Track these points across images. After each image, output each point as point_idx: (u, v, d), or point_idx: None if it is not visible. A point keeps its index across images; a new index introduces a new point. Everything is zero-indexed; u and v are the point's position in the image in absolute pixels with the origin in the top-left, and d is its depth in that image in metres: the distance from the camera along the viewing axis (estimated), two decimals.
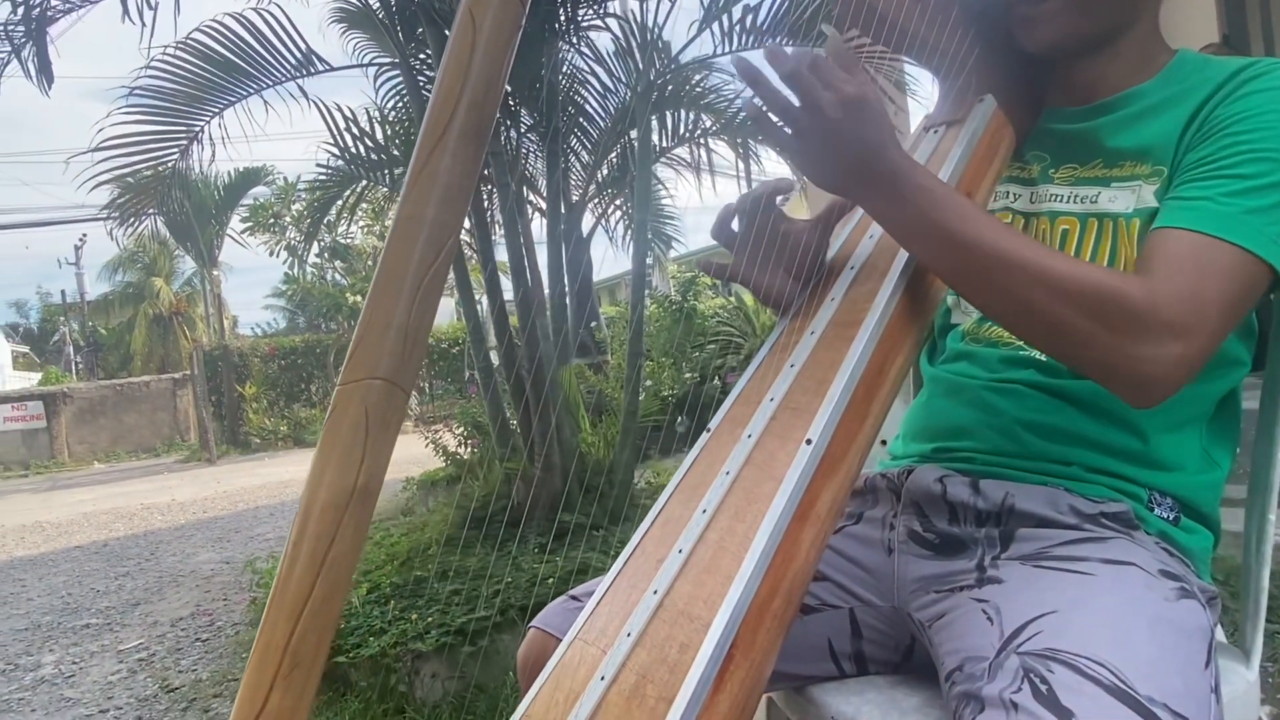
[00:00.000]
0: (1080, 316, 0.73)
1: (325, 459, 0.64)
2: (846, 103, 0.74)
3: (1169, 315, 0.72)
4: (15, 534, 7.54)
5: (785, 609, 0.73)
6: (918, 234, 0.79)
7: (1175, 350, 0.72)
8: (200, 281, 21.48)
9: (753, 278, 0.95)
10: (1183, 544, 0.85)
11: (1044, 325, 0.75)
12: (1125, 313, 0.72)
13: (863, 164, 0.77)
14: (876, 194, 0.79)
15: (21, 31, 2.69)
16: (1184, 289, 0.73)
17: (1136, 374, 0.73)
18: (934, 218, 0.76)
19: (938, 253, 0.79)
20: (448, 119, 0.69)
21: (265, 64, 3.35)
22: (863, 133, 0.75)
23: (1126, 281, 0.74)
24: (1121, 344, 0.72)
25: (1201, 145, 0.82)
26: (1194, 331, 0.72)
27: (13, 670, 3.42)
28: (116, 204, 3.70)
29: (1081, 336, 0.73)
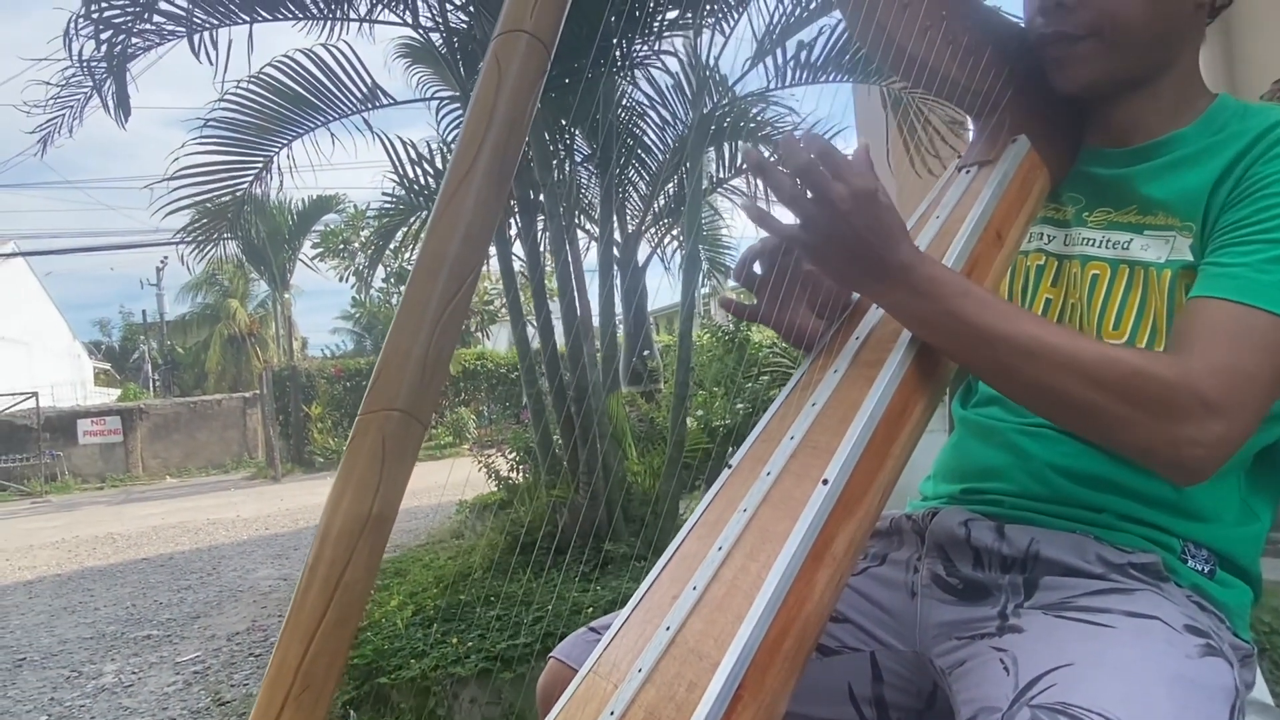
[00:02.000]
0: (1114, 401, 0.71)
1: (343, 486, 0.66)
2: (857, 195, 0.73)
3: (1206, 393, 0.70)
4: (88, 545, 7.84)
5: (798, 650, 0.73)
6: (933, 328, 0.78)
7: (1216, 430, 0.70)
8: (273, 304, 22.20)
9: (775, 317, 0.95)
10: (1218, 598, 0.82)
11: (1077, 412, 0.74)
12: (1161, 395, 0.70)
13: (873, 257, 0.76)
14: (887, 287, 0.78)
15: (103, 68, 2.85)
16: (1221, 365, 0.71)
17: (1176, 456, 0.71)
18: (946, 310, 0.76)
19: (956, 345, 0.78)
20: (471, 160, 0.71)
21: (333, 98, 3.48)
22: (873, 225, 0.74)
23: (1159, 362, 0.72)
24: (1160, 427, 0.71)
25: (1237, 207, 0.80)
26: (1234, 409, 0.70)
27: (76, 678, 3.55)
28: (190, 230, 3.85)
29: (1117, 422, 0.72)
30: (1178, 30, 0.88)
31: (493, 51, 0.73)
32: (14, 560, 7.22)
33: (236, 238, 4.34)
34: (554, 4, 0.74)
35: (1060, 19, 0.88)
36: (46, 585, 5.87)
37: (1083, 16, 0.86)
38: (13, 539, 8.83)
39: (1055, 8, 0.88)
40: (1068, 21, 0.87)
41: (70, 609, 4.98)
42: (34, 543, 8.34)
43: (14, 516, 11.54)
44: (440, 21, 3.35)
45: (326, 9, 3.17)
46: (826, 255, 0.78)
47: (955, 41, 0.92)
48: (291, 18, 3.15)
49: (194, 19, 2.88)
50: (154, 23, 2.87)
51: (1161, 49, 0.88)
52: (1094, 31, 0.86)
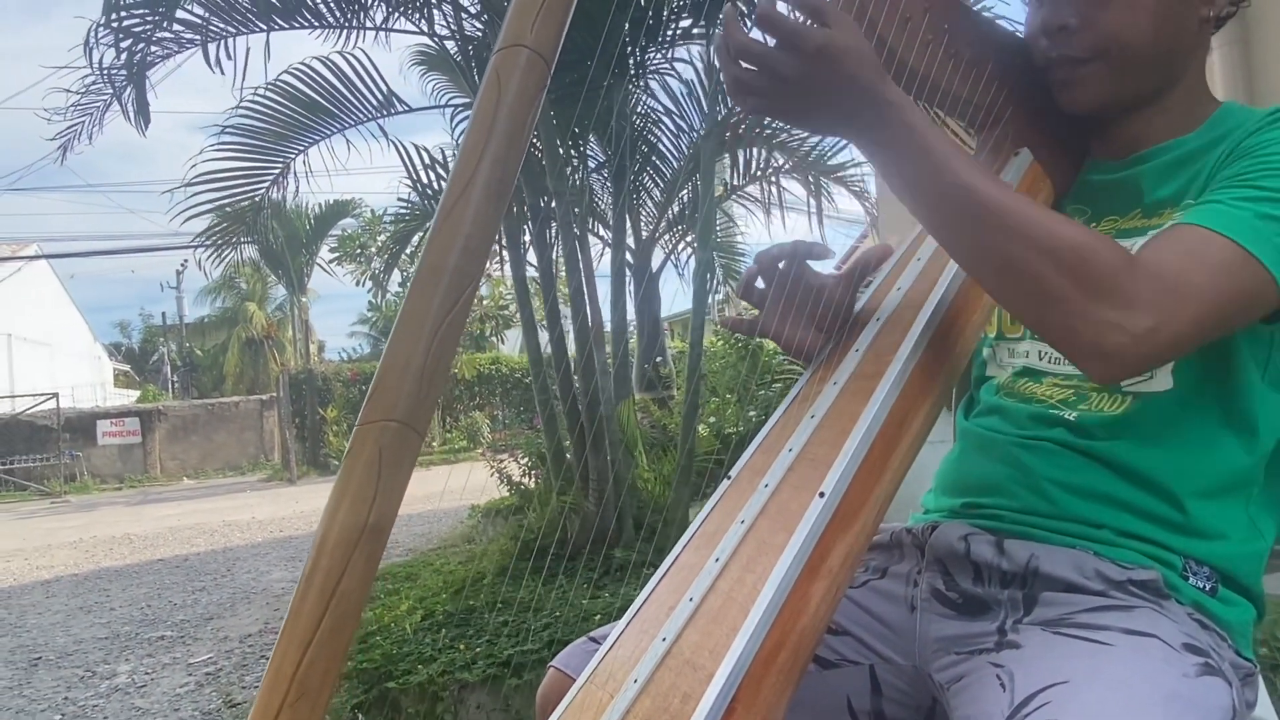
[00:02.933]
0: (1055, 271, 0.70)
1: (340, 496, 0.67)
2: (808, 56, 0.71)
3: (1145, 287, 0.69)
4: (105, 545, 7.91)
5: (792, 663, 0.73)
6: (903, 174, 0.76)
7: (1142, 323, 0.69)
8: (290, 308, 22.36)
9: (776, 330, 0.95)
10: (1220, 616, 0.81)
11: (1017, 277, 0.72)
12: (1099, 275, 0.69)
13: (842, 110, 0.74)
14: (862, 134, 0.77)
15: (123, 75, 2.89)
16: (1169, 268, 0.71)
17: (1097, 339, 0.70)
18: (919, 161, 0.74)
19: (920, 192, 0.76)
20: (471, 172, 0.72)
21: (349, 105, 3.51)
22: (833, 81, 0.72)
23: (1110, 247, 0.71)
24: (1088, 306, 0.69)
25: (1227, 165, 0.81)
26: (1167, 311, 0.69)
27: (90, 677, 3.58)
28: (208, 234, 3.89)
29: (1052, 293, 0.71)
30: (1183, 46, 0.88)
31: (493, 66, 0.73)
32: (32, 560, 7.30)
33: (254, 242, 4.39)
34: (554, 20, 0.74)
35: (1065, 41, 0.87)
36: (64, 585, 5.93)
37: (1088, 39, 0.86)
38: (32, 538, 8.93)
39: (1059, 30, 0.87)
40: (1072, 44, 0.87)
41: (86, 609, 5.02)
42: (52, 542, 8.42)
43: (34, 516, 11.66)
44: (455, 29, 3.37)
45: (343, 17, 3.20)
46: (797, 118, 0.78)
47: (957, 55, 0.92)
48: (308, 26, 3.18)
49: (212, 27, 2.92)
50: (173, 31, 2.91)
51: (1168, 66, 0.88)
52: (1099, 54, 0.86)
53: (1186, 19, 0.86)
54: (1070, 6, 0.87)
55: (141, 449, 17.93)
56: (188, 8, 2.87)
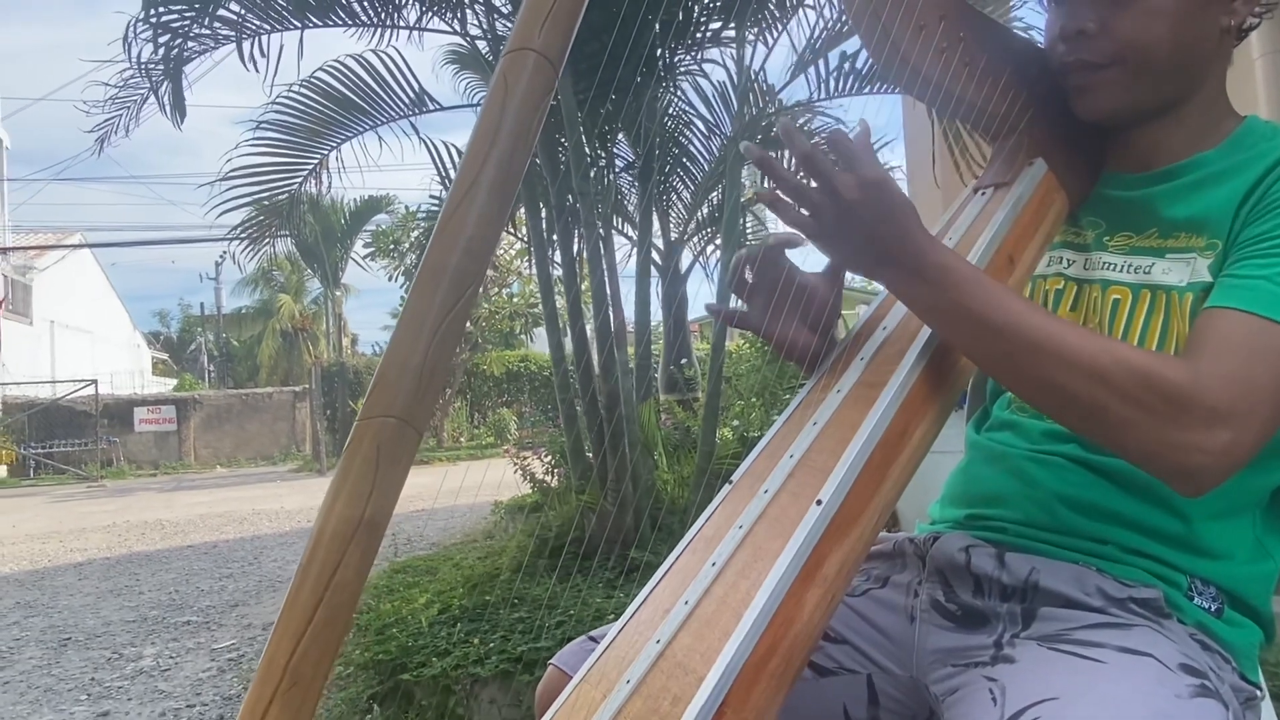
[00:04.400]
0: (1118, 401, 0.70)
1: (337, 490, 0.68)
2: (865, 184, 0.73)
3: (1215, 400, 0.69)
4: (138, 530, 8.07)
5: (784, 669, 0.73)
6: (942, 317, 0.77)
7: (1222, 438, 0.68)
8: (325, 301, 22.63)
9: (764, 328, 0.94)
10: (1224, 638, 0.80)
11: (1081, 410, 0.73)
12: (1167, 397, 0.69)
13: (883, 244, 0.75)
14: (897, 274, 0.77)
15: (160, 70, 2.95)
16: (1233, 372, 0.70)
17: (1180, 463, 0.70)
18: (957, 300, 0.75)
19: (964, 336, 0.77)
20: (475, 174, 0.72)
21: (382, 102, 3.55)
22: (882, 213, 0.74)
23: (1168, 364, 0.71)
24: (1164, 431, 0.69)
25: (1259, 221, 0.79)
26: (1243, 418, 0.69)
27: (117, 659, 3.66)
28: (243, 227, 3.95)
29: (1121, 422, 0.71)
30: (1203, 55, 0.86)
31: (500, 69, 0.74)
32: (67, 542, 7.46)
33: (290, 235, 4.45)
34: (563, 24, 0.75)
35: (1082, 47, 0.86)
36: (95, 568, 6.05)
37: (1105, 44, 0.85)
38: (67, 521, 9.13)
39: (1077, 35, 0.87)
40: (1090, 49, 0.86)
41: (116, 592, 5.13)
42: (87, 526, 8.60)
43: (70, 500, 11.92)
44: (487, 30, 3.40)
45: (377, 16, 3.24)
46: (837, 244, 0.78)
47: (972, 64, 0.91)
48: (343, 24, 3.22)
49: (249, 24, 2.96)
50: (211, 28, 2.96)
51: (1186, 75, 0.86)
52: (1117, 60, 0.85)
53: (1207, 28, 0.85)
54: (1088, 12, 0.86)
55: (177, 436, 18.26)
56: (226, 4, 2.92)
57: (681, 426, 4.86)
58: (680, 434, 4.70)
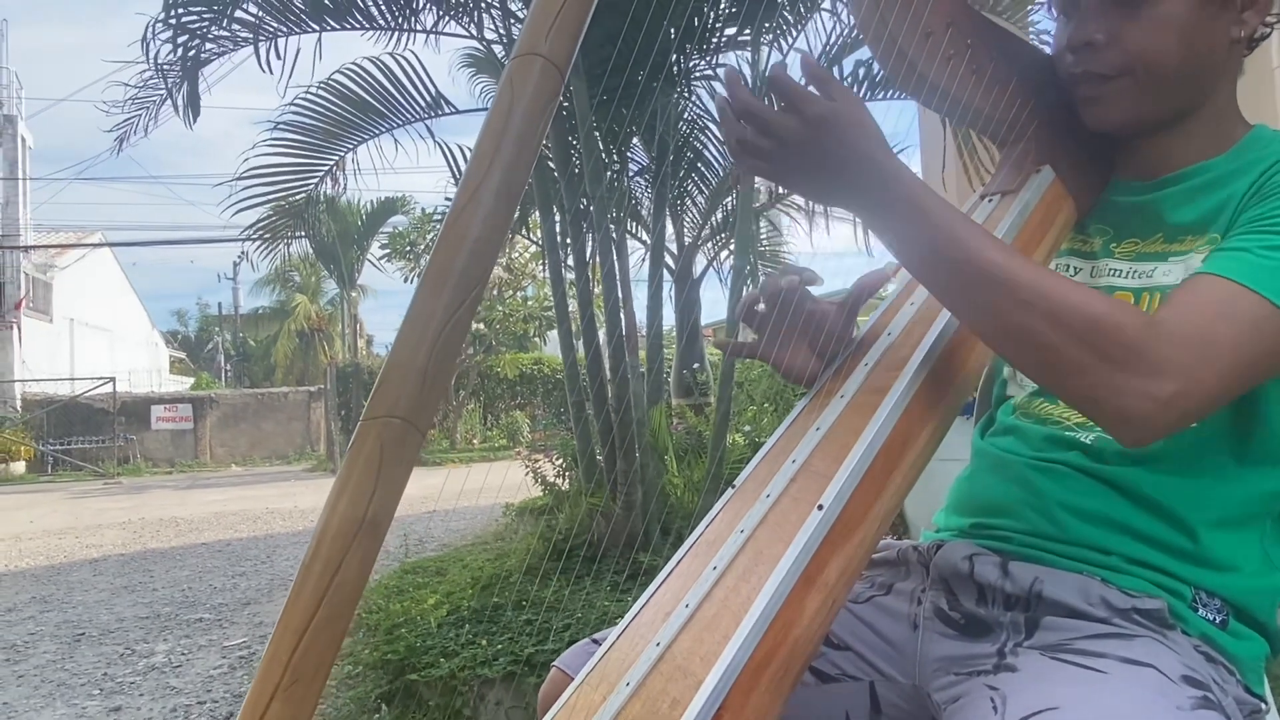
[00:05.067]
0: (1071, 342, 0.69)
1: (340, 490, 0.69)
2: (811, 122, 0.72)
3: (1168, 351, 0.68)
4: (153, 527, 8.13)
5: (783, 674, 0.73)
6: (906, 245, 0.77)
7: (1168, 388, 0.68)
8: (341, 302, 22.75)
9: (775, 356, 0.95)
10: (1229, 650, 0.79)
11: (1033, 348, 0.72)
12: (1118, 342, 0.68)
13: (844, 179, 0.75)
14: (862, 205, 0.77)
15: (178, 71, 2.98)
16: (1193, 329, 0.69)
17: (1120, 407, 0.69)
18: (923, 230, 0.74)
19: (926, 265, 0.77)
20: (481, 177, 0.73)
21: (398, 105, 3.57)
22: (835, 149, 0.73)
23: (1126, 311, 0.71)
24: (1110, 375, 0.68)
25: (1256, 206, 0.79)
26: (1192, 372, 0.68)
27: (129, 655, 3.69)
28: (258, 227, 3.98)
29: (1070, 364, 0.70)
30: (1213, 66, 0.86)
31: (507, 73, 0.75)
32: (83, 538, 7.53)
33: (306, 236, 4.48)
34: (570, 30, 0.75)
35: (1091, 58, 0.86)
36: (110, 564, 6.10)
37: (1114, 56, 0.85)
38: (84, 518, 9.21)
39: (1085, 46, 0.86)
40: (1098, 60, 0.86)
41: (130, 588, 5.17)
42: (102, 522, 8.68)
43: (87, 496, 12.03)
44: (503, 34, 3.42)
45: (394, 20, 3.26)
46: (797, 183, 0.78)
47: (980, 70, 0.91)
48: (360, 28, 3.25)
49: (266, 26, 2.99)
50: (229, 29, 2.99)
51: (1196, 86, 0.86)
52: (1126, 71, 0.85)
53: (1217, 39, 0.84)
54: (1098, 22, 0.86)
55: (193, 435, 18.39)
56: (244, 7, 2.95)
57: (693, 431, 4.86)
58: (692, 439, 4.69)
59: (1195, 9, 0.82)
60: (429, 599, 2.96)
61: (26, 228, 19.76)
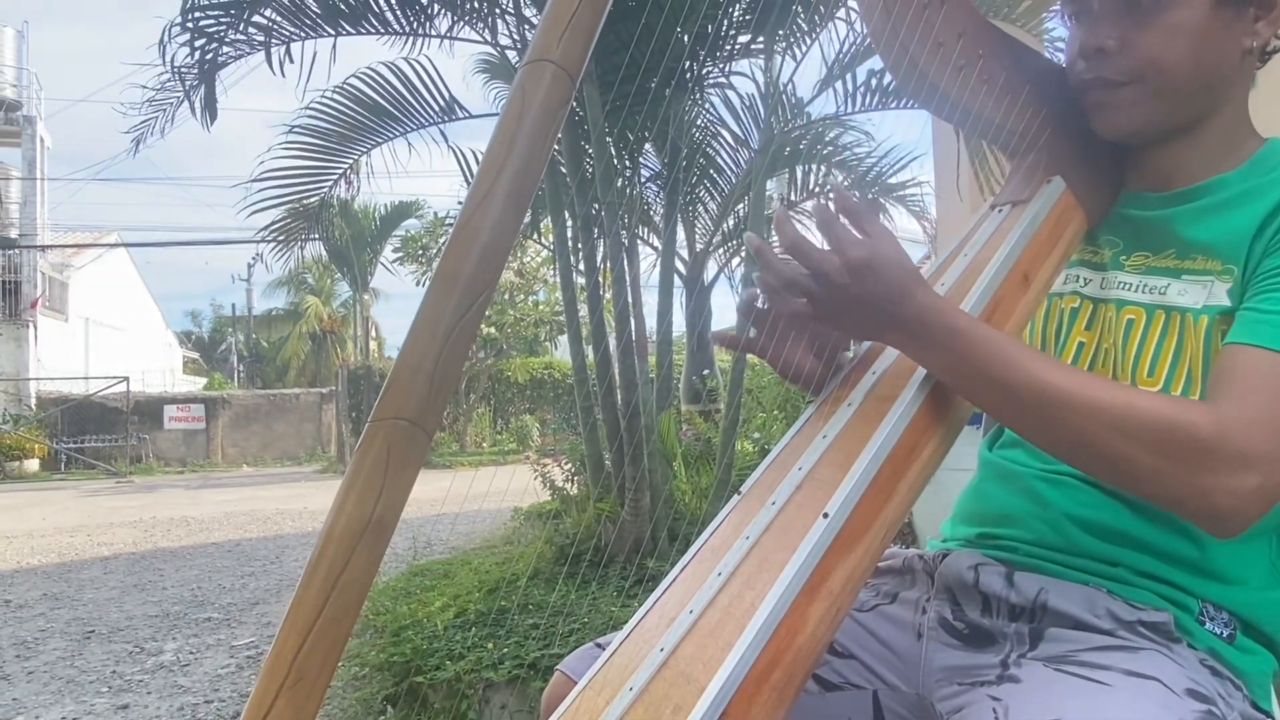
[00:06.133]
0: (1144, 452, 0.70)
1: (348, 490, 0.69)
2: (853, 267, 0.73)
3: (1242, 444, 0.68)
4: (164, 526, 8.17)
5: (786, 682, 0.73)
6: (957, 377, 0.77)
7: (1250, 482, 0.68)
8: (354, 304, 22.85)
9: (772, 353, 0.93)
10: (1235, 664, 0.79)
11: (1106, 462, 0.73)
12: (1193, 445, 0.69)
13: (884, 318, 0.76)
14: (907, 340, 0.78)
15: (195, 74, 3.01)
16: (1258, 414, 0.69)
17: (1212, 507, 0.69)
18: (971, 361, 0.75)
19: (982, 394, 0.77)
20: (491, 182, 0.73)
21: (412, 109, 3.59)
22: (876, 289, 0.74)
23: (1191, 409, 0.71)
24: (1191, 477, 0.69)
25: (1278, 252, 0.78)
26: (1270, 460, 0.68)
27: (138, 653, 3.71)
28: (272, 229, 4.01)
29: (1147, 472, 0.70)
30: (1225, 75, 0.86)
31: (519, 79, 0.75)
32: (94, 536, 7.58)
33: (320, 239, 4.51)
34: (581, 37, 0.76)
35: (1102, 64, 0.86)
36: (121, 562, 6.14)
37: (1125, 63, 0.85)
38: (96, 516, 9.27)
39: (1097, 53, 0.86)
40: (1110, 67, 0.86)
41: (140, 587, 5.20)
42: (114, 521, 8.73)
43: (99, 494, 12.10)
44: (517, 39, 3.43)
45: (409, 25, 3.28)
46: (838, 323, 0.80)
47: (991, 80, 0.91)
48: (375, 32, 3.27)
49: (283, 30, 3.02)
50: (246, 33, 3.02)
51: (1207, 95, 0.86)
52: (1137, 78, 0.85)
53: (1229, 48, 0.84)
54: (1109, 29, 0.86)
55: (205, 435, 18.49)
56: (262, 11, 2.97)
57: (702, 438, 4.85)
58: (701, 445, 4.69)
59: (1208, 18, 0.82)
60: (436, 601, 2.97)
61: (44, 227, 19.94)
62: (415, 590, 3.43)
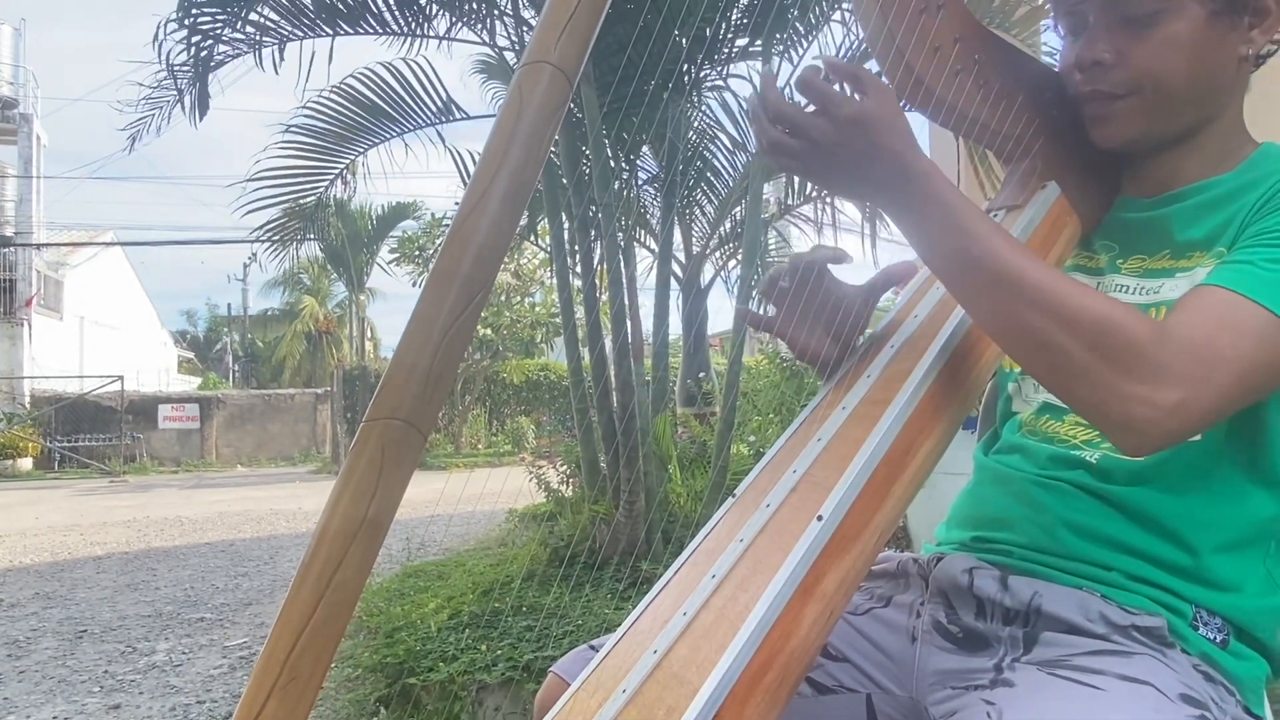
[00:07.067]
0: (1078, 345, 0.70)
1: (342, 489, 0.69)
2: (842, 123, 0.73)
3: (1172, 359, 0.69)
4: (157, 526, 8.15)
5: (780, 684, 0.73)
6: (928, 240, 0.77)
7: (1171, 396, 0.68)
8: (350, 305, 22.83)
9: (791, 334, 0.95)
10: (1229, 670, 0.79)
11: (1043, 350, 0.72)
12: (1126, 348, 0.69)
13: (873, 176, 0.75)
14: (889, 201, 0.78)
15: (189, 71, 3.00)
16: (1197, 338, 0.70)
17: (1124, 414, 0.69)
18: (945, 229, 0.75)
19: (947, 261, 0.77)
20: (488, 182, 0.73)
21: (409, 110, 3.59)
22: (865, 148, 0.73)
23: (1135, 317, 0.71)
24: (1117, 381, 0.69)
25: (1261, 220, 0.79)
26: (1196, 382, 0.68)
27: (130, 653, 3.70)
28: (268, 228, 4.00)
29: (1077, 367, 0.71)
30: (1221, 84, 0.86)
31: (516, 80, 0.75)
32: (88, 535, 7.55)
33: (316, 239, 4.50)
34: (579, 38, 0.76)
35: (1099, 77, 0.86)
36: (114, 562, 6.12)
37: (1122, 75, 0.85)
38: (89, 515, 9.24)
39: (1094, 65, 0.87)
40: (1107, 79, 0.86)
41: (133, 586, 5.18)
42: (108, 520, 8.70)
43: (93, 494, 12.06)
44: (515, 41, 3.43)
45: (407, 26, 3.28)
46: (829, 182, 0.79)
47: (987, 86, 0.91)
48: (373, 33, 3.27)
49: (280, 29, 3.01)
50: (243, 31, 3.01)
51: (1204, 104, 0.86)
52: (1135, 90, 0.85)
53: (1225, 57, 0.85)
54: (1106, 41, 0.86)
55: (199, 434, 18.45)
56: (259, 9, 2.97)
57: (698, 440, 4.85)
58: (696, 448, 4.69)
59: (1203, 28, 0.83)
60: (430, 603, 2.96)
61: (39, 225, 19.89)
62: (409, 591, 3.42)
